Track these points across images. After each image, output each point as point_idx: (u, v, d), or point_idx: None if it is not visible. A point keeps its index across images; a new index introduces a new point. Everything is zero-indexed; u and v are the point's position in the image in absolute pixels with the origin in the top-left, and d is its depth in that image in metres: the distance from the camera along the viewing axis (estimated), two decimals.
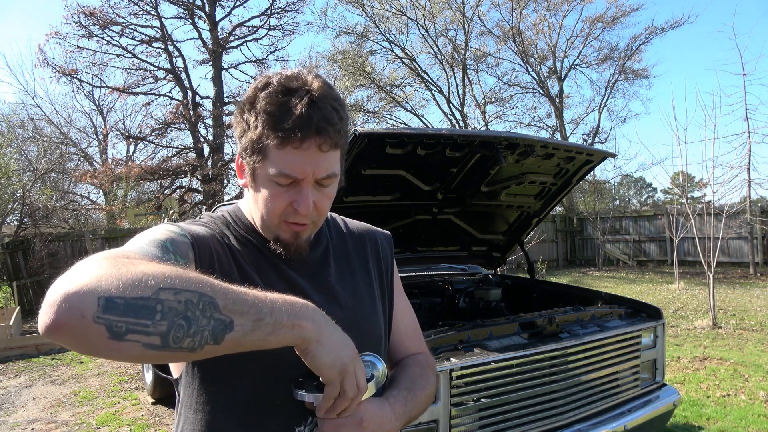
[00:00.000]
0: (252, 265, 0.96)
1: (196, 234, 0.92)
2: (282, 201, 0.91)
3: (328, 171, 0.91)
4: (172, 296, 0.63)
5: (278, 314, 0.72)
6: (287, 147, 0.86)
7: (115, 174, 16.88)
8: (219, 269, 0.89)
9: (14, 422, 4.57)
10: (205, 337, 0.65)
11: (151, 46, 18.13)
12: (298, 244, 0.96)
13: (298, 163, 0.87)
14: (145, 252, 0.78)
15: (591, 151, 3.37)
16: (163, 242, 0.83)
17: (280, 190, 0.90)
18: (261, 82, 0.91)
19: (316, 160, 0.88)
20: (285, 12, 19.25)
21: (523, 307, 3.58)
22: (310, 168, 0.88)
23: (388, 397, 0.94)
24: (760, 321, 7.69)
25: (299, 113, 0.85)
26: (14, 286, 10.58)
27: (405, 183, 3.15)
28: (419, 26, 21.67)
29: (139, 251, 0.77)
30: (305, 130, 0.85)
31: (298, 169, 0.88)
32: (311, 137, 0.86)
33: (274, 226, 0.94)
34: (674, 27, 20.58)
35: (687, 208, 9.44)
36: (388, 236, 1.20)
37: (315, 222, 0.96)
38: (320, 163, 0.89)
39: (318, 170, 0.89)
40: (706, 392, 4.68)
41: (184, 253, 0.85)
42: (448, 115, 22.73)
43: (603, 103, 22.40)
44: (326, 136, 0.87)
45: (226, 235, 0.98)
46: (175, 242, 0.85)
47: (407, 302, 1.20)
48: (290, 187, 0.90)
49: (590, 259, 17.94)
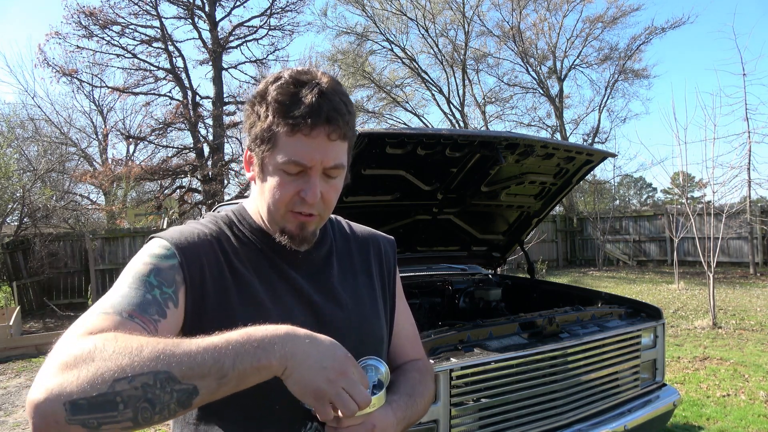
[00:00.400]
0: (251, 267, 0.96)
1: (187, 246, 0.91)
2: (290, 190, 0.91)
3: (336, 161, 0.91)
4: (127, 385, 0.65)
5: (241, 362, 0.70)
6: (297, 134, 0.87)
7: (115, 174, 16.87)
8: (210, 280, 0.90)
9: (14, 422, 4.57)
10: (173, 408, 0.68)
11: (151, 46, 18.12)
12: (304, 236, 0.96)
13: (307, 151, 0.88)
14: (126, 304, 0.79)
15: (591, 151, 3.37)
16: (146, 278, 0.84)
17: (288, 179, 0.91)
18: (272, 76, 0.93)
19: (324, 148, 0.89)
20: (285, 12, 19.25)
21: (523, 307, 3.58)
22: (319, 156, 0.89)
23: (390, 402, 0.93)
24: (760, 321, 7.69)
25: (309, 102, 0.87)
26: (14, 286, 10.58)
27: (405, 183, 3.15)
28: (419, 26, 21.69)
29: (118, 306, 0.79)
30: (315, 118, 0.87)
31: (307, 156, 0.88)
32: (321, 125, 0.87)
33: (280, 216, 0.94)
34: (674, 27, 20.62)
35: (687, 208, 9.44)
36: (391, 241, 1.20)
37: (321, 214, 0.96)
38: (329, 152, 0.90)
39: (326, 159, 0.90)
40: (706, 392, 4.68)
41: (170, 280, 0.86)
42: (448, 115, 22.75)
43: (603, 103, 22.43)
44: (335, 125, 0.88)
45: (226, 235, 0.98)
46: (159, 272, 0.86)
47: (407, 308, 1.20)
48: (298, 176, 0.91)
49: (590, 259, 17.94)
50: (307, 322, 0.96)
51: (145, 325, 0.78)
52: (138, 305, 0.80)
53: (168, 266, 0.87)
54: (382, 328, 1.07)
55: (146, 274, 0.85)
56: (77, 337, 0.72)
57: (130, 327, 0.76)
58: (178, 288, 0.86)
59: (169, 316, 0.83)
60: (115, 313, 0.77)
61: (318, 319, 0.97)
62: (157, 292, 0.83)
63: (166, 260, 0.88)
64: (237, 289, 0.92)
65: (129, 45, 17.72)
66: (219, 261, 0.93)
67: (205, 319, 0.89)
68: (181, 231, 0.95)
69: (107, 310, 0.78)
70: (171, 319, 0.84)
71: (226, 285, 0.92)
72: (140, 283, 0.83)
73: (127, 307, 0.79)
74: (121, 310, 0.78)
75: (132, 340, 0.69)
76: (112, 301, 0.80)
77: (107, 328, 0.74)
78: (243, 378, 0.71)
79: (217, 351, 0.70)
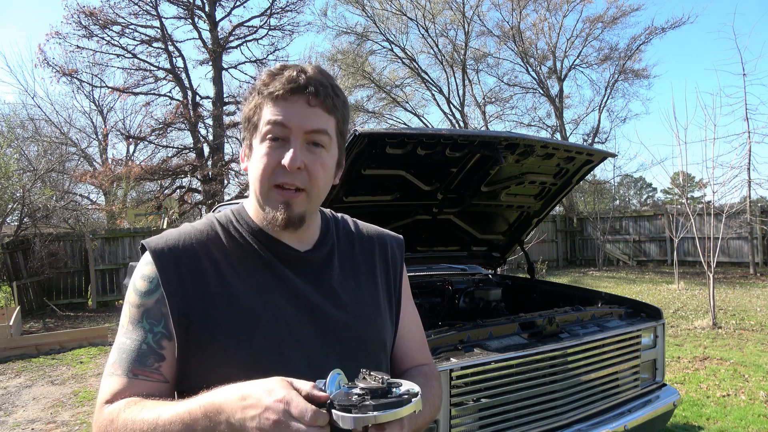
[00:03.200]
0: (242, 270, 0.95)
1: (168, 256, 0.94)
2: (272, 159, 0.92)
3: (318, 125, 0.92)
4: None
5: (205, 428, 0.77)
6: (278, 101, 0.92)
7: (115, 174, 16.87)
8: (191, 289, 0.92)
9: (14, 422, 4.57)
10: None
11: (151, 46, 18.11)
12: (289, 216, 0.93)
13: (285, 113, 0.91)
14: (129, 361, 0.90)
15: (591, 151, 3.36)
16: (140, 323, 0.93)
17: (271, 149, 0.92)
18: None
19: (304, 111, 0.92)
20: (285, 12, 19.24)
21: (523, 307, 3.57)
22: (297, 119, 0.91)
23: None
24: (760, 321, 7.69)
25: (289, 76, 0.92)
26: (14, 286, 10.57)
27: (405, 183, 3.14)
28: (419, 26, 21.68)
29: (124, 364, 0.91)
30: (293, 85, 0.91)
31: (286, 117, 0.91)
32: (300, 92, 0.91)
33: (265, 192, 0.94)
34: (674, 27, 20.61)
35: (687, 208, 9.44)
36: (399, 241, 1.18)
37: (308, 191, 0.94)
38: (309, 116, 0.92)
39: (306, 123, 0.91)
40: (706, 392, 4.68)
41: (158, 317, 0.92)
42: (448, 115, 22.74)
43: (603, 103, 22.42)
44: (315, 94, 0.91)
45: (220, 238, 0.98)
46: (149, 313, 0.93)
47: (415, 310, 1.17)
48: (280, 144, 0.92)
49: (590, 259, 17.94)
50: (304, 323, 0.95)
51: (149, 377, 0.90)
52: (137, 360, 0.90)
53: (153, 303, 0.93)
54: (384, 329, 1.05)
55: (139, 319, 0.93)
56: (100, 409, 0.88)
57: (138, 387, 0.89)
58: (167, 320, 0.92)
59: (167, 355, 0.92)
60: (123, 375, 0.90)
61: (315, 321, 0.96)
62: (150, 338, 0.92)
63: (151, 297, 0.93)
64: (222, 296, 0.93)
65: (129, 45, 17.73)
66: (201, 268, 0.94)
67: (193, 328, 0.91)
68: (167, 238, 0.97)
69: (116, 371, 0.90)
70: (169, 354, 0.92)
71: (210, 293, 0.93)
72: (136, 332, 0.93)
73: (130, 365, 0.90)
74: (127, 370, 0.90)
75: (124, 422, 0.83)
76: (119, 358, 0.92)
77: (120, 392, 0.88)
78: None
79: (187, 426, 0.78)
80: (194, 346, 0.91)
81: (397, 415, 0.71)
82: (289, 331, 0.93)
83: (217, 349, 0.90)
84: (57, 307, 10.97)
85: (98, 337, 7.72)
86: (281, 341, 0.92)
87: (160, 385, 0.90)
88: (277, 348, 0.91)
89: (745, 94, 12.51)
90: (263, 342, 0.91)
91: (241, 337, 0.90)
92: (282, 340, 0.92)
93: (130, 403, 0.86)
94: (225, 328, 0.91)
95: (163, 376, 0.91)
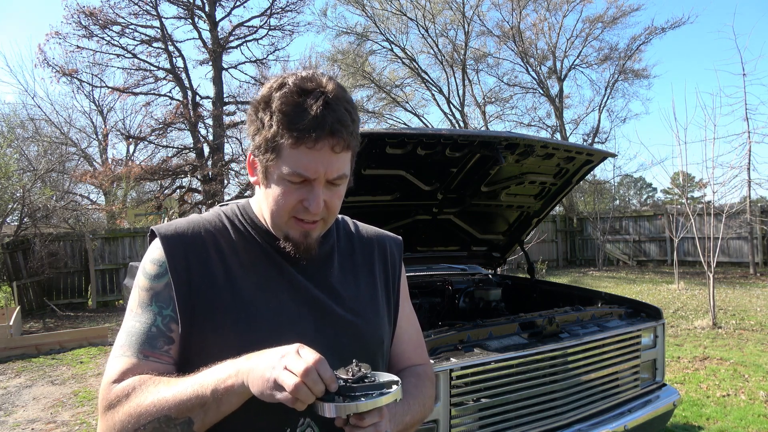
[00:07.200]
0: (247, 262, 0.98)
1: (177, 243, 0.96)
2: (293, 198, 0.92)
3: (340, 172, 0.93)
4: (144, 430, 0.84)
5: (214, 391, 0.82)
6: (301, 147, 0.88)
7: (115, 174, 16.87)
8: (197, 276, 0.94)
9: (14, 422, 4.57)
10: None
11: (151, 46, 18.10)
12: (308, 243, 0.97)
13: (311, 163, 0.89)
14: (139, 344, 0.92)
15: (591, 151, 3.36)
16: (149, 306, 0.94)
17: (292, 188, 0.92)
18: (276, 82, 0.93)
19: (328, 160, 0.90)
20: (285, 12, 19.22)
21: (523, 307, 3.58)
22: (323, 168, 0.90)
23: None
24: (760, 321, 7.69)
25: (314, 114, 0.87)
26: (14, 286, 10.58)
27: (405, 183, 3.15)
28: (419, 26, 21.68)
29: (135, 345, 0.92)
30: (319, 131, 0.87)
31: (311, 169, 0.90)
32: (325, 138, 0.88)
33: (283, 223, 0.96)
34: (674, 27, 20.59)
35: (687, 208, 9.44)
36: (398, 242, 1.20)
37: (325, 220, 0.98)
38: (332, 164, 0.91)
39: (330, 171, 0.91)
40: (706, 392, 4.68)
41: (167, 300, 0.94)
42: (448, 115, 22.75)
43: (603, 103, 22.41)
44: (339, 138, 0.89)
45: (227, 230, 1.00)
46: (158, 296, 0.94)
47: (412, 311, 1.19)
48: (302, 185, 0.92)
49: (590, 259, 17.94)
50: (304, 318, 0.97)
51: (159, 359, 0.92)
52: (147, 342, 0.92)
53: (163, 286, 0.95)
54: (382, 328, 1.07)
55: (149, 303, 0.95)
56: (108, 387, 0.89)
57: (149, 368, 0.90)
58: (175, 303, 0.93)
59: (175, 338, 0.94)
60: (133, 356, 0.91)
61: (315, 316, 0.98)
62: (159, 321, 0.93)
63: (160, 280, 0.95)
64: (226, 287, 0.95)
65: (129, 45, 17.72)
66: (209, 258, 0.96)
67: (197, 317, 0.93)
68: (177, 226, 0.99)
69: (126, 353, 0.91)
70: (177, 337, 0.94)
71: (215, 283, 0.95)
72: (145, 314, 0.94)
73: (140, 347, 0.91)
74: (137, 351, 0.91)
75: (141, 396, 0.85)
76: (129, 340, 0.93)
77: (130, 371, 0.89)
78: (220, 403, 0.82)
79: (198, 386, 0.83)
80: (197, 332, 0.93)
81: (377, 403, 0.76)
82: (289, 324, 0.96)
83: (219, 338, 0.92)
84: (57, 307, 10.98)
85: (98, 337, 7.72)
86: (281, 334, 0.93)
87: (170, 367, 0.92)
88: (276, 341, 0.91)
89: (745, 94, 12.52)
90: (263, 334, 0.93)
91: (242, 329, 0.93)
92: (281, 334, 0.93)
93: (144, 378, 0.87)
94: (228, 319, 0.93)
95: (172, 359, 0.93)
